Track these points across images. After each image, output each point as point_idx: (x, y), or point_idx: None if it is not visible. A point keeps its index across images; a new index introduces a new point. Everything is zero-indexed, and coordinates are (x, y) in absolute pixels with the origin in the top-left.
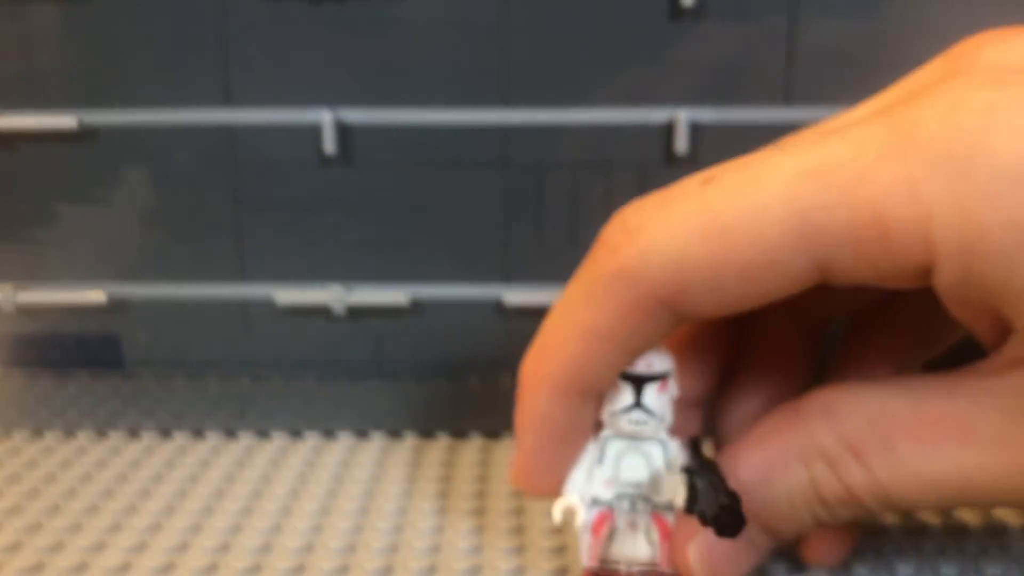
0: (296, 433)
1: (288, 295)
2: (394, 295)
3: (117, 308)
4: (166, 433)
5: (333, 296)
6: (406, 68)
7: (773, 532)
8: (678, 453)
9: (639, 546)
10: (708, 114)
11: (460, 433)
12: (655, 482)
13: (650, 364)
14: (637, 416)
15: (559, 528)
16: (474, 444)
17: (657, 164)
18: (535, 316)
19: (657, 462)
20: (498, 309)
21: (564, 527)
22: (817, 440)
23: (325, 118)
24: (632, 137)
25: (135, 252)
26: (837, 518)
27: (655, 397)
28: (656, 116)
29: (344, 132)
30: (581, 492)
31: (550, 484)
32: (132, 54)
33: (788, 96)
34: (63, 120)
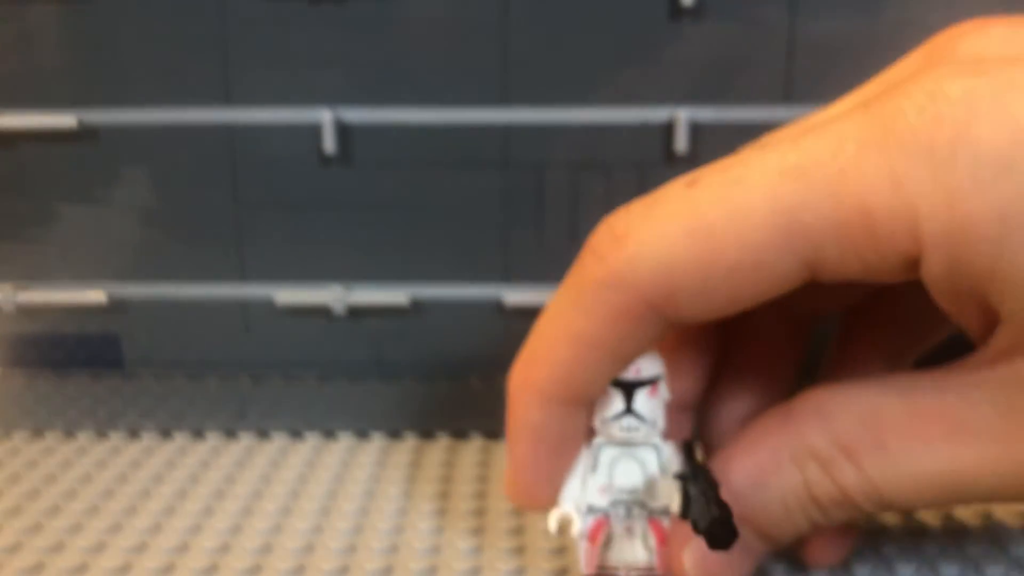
0: (296, 433)
1: (288, 295)
2: (394, 295)
3: (117, 308)
4: (166, 433)
5: (333, 296)
6: (406, 68)
7: (768, 537)
8: (672, 457)
9: (636, 551)
10: (708, 114)
11: (460, 433)
12: (650, 487)
13: (639, 369)
14: (628, 422)
15: (558, 538)
16: (474, 444)
17: (657, 164)
18: (535, 316)
19: (651, 467)
20: (498, 309)
21: (561, 536)
22: (809, 442)
23: (325, 118)
24: (632, 137)
25: (135, 252)
26: (832, 520)
27: (646, 402)
28: (656, 116)
29: (344, 132)
30: (576, 501)
31: (545, 496)
32: (132, 54)
33: (788, 95)
34: (63, 120)
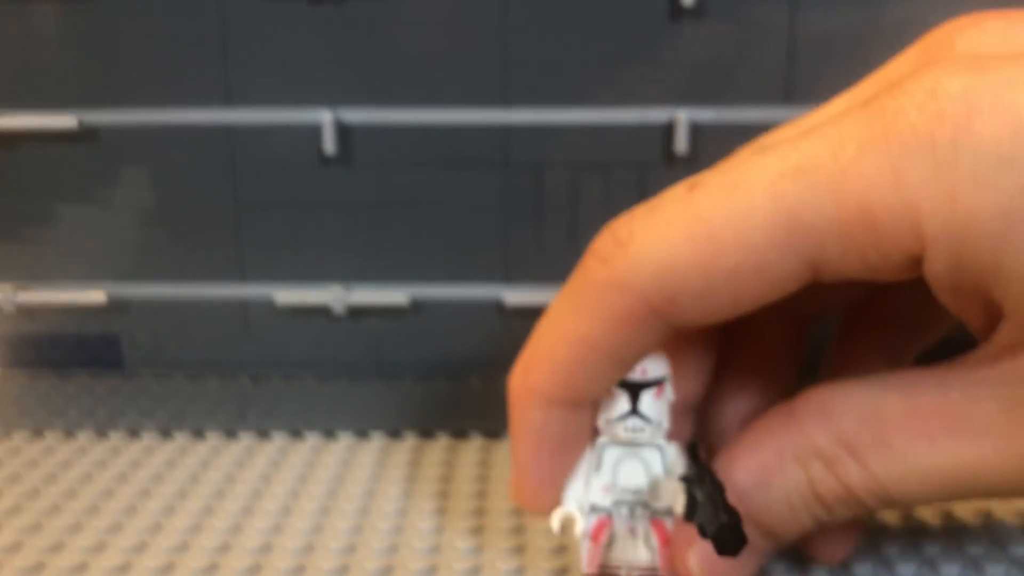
0: (296, 433)
1: (288, 295)
2: (394, 295)
3: (117, 308)
4: (166, 433)
5: (333, 296)
6: (406, 68)
7: (773, 535)
8: (676, 458)
9: (639, 551)
10: (708, 114)
11: (460, 433)
12: (654, 488)
13: (645, 370)
14: (634, 423)
15: (559, 537)
16: (474, 444)
17: (657, 164)
18: (535, 316)
19: (655, 468)
20: (498, 309)
21: (563, 535)
22: (813, 440)
23: (325, 118)
24: (632, 137)
25: (135, 252)
26: (836, 517)
27: (651, 403)
28: (656, 116)
29: (344, 132)
30: (579, 500)
31: (550, 497)
32: (132, 54)
33: (788, 96)
34: (63, 120)
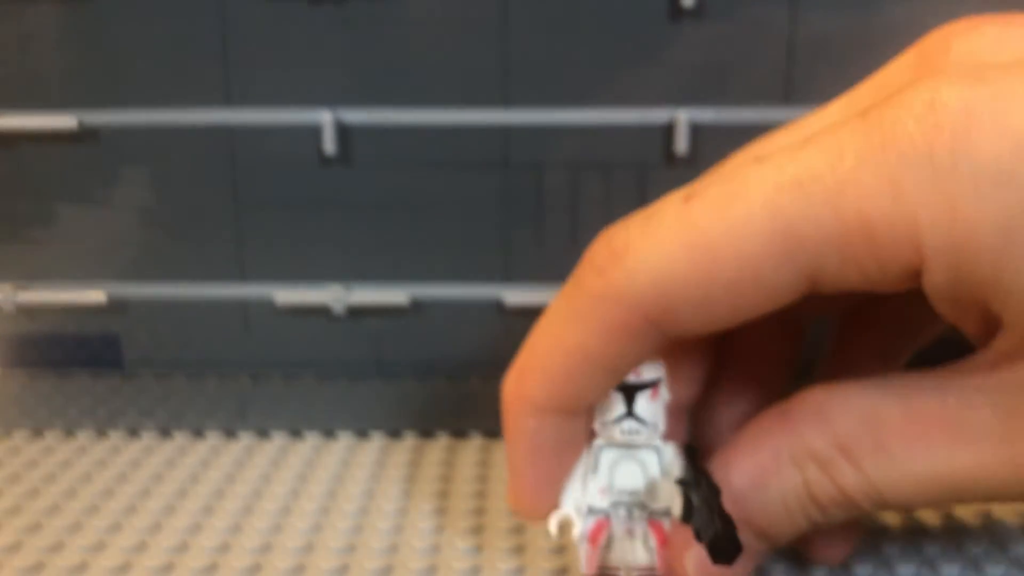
0: (296, 433)
1: (288, 295)
2: (394, 295)
3: (117, 308)
4: (166, 433)
5: (333, 296)
6: (406, 68)
7: (768, 536)
8: (673, 459)
9: (637, 552)
10: (708, 114)
11: (460, 433)
12: (651, 489)
13: (640, 372)
14: (629, 425)
15: (557, 540)
16: (474, 444)
17: (657, 164)
18: (535, 316)
19: (652, 469)
20: (498, 309)
21: (562, 538)
22: (808, 443)
23: (325, 118)
24: (632, 137)
25: (135, 252)
26: (831, 519)
27: (647, 405)
28: (656, 116)
29: (344, 132)
30: (577, 502)
31: (548, 504)
32: (132, 54)
33: (788, 95)
34: (63, 120)
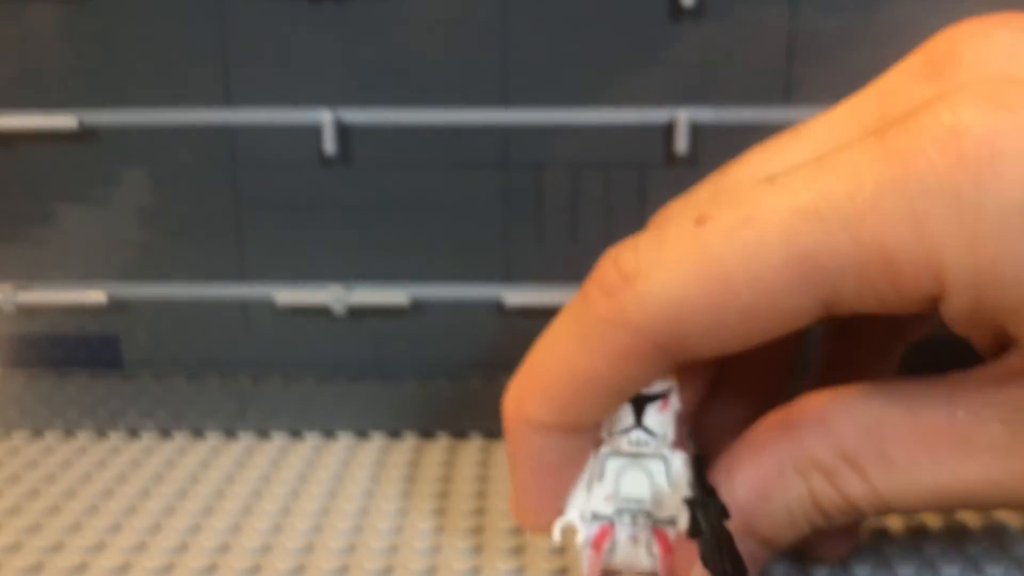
0: (296, 433)
1: (288, 295)
2: (394, 295)
3: (117, 308)
4: (166, 433)
5: (333, 296)
6: (406, 68)
7: (772, 544)
8: (681, 470)
9: (640, 558)
10: (708, 114)
11: (460, 433)
12: (657, 498)
13: (650, 384)
14: (638, 437)
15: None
16: (474, 444)
17: (657, 164)
18: (535, 316)
19: (659, 478)
20: (498, 309)
21: (566, 544)
22: (812, 452)
23: (325, 118)
24: (632, 137)
25: (135, 252)
26: (833, 523)
27: (656, 416)
28: (656, 116)
29: (344, 132)
30: (581, 509)
31: (553, 516)
32: (132, 54)
33: (788, 96)
34: (63, 120)
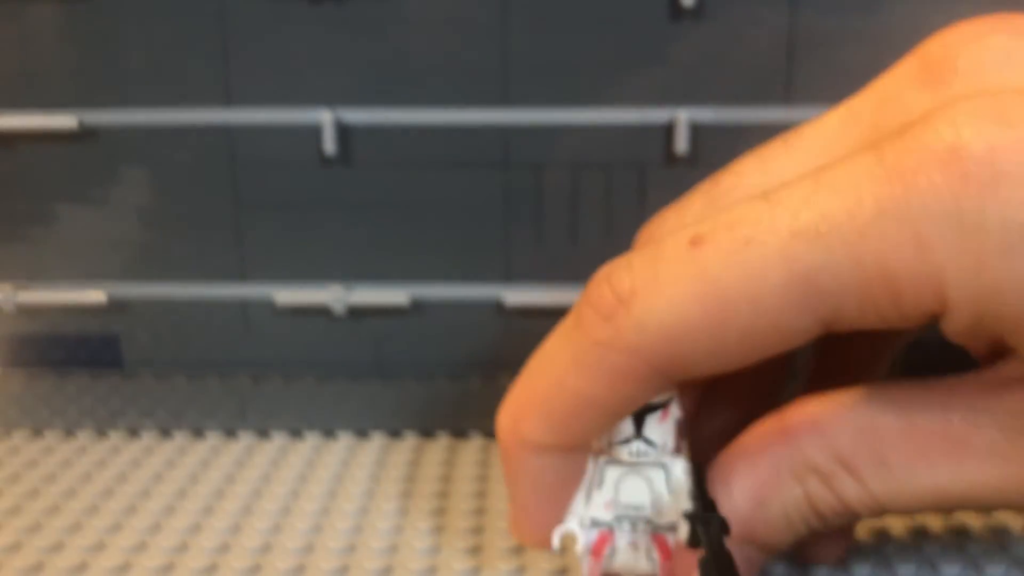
0: (296, 433)
1: (288, 295)
2: (394, 295)
3: (117, 308)
4: (166, 433)
5: (333, 296)
6: (406, 68)
7: (769, 547)
8: (682, 477)
9: (640, 564)
10: (708, 114)
11: (460, 433)
12: (657, 505)
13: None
14: (638, 447)
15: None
16: (474, 444)
17: (657, 164)
18: (535, 316)
19: (659, 485)
20: (498, 309)
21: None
22: (808, 457)
23: (325, 118)
24: (632, 137)
25: (135, 252)
26: (830, 526)
27: (656, 427)
28: (656, 116)
29: (344, 132)
30: (580, 516)
31: (553, 531)
32: (132, 54)
33: (788, 96)
34: (63, 120)
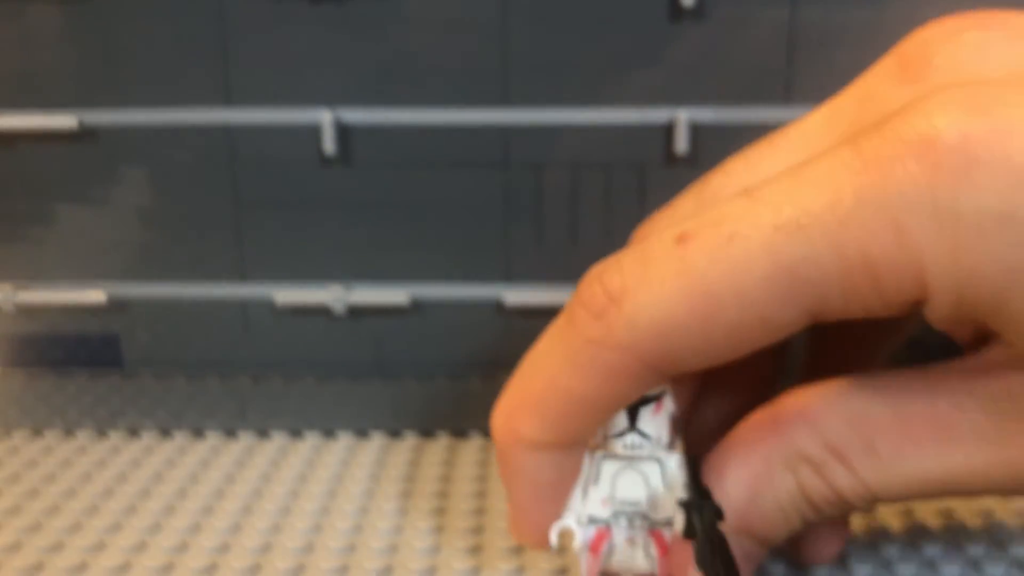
0: (296, 433)
1: (288, 295)
2: (394, 295)
3: (117, 308)
4: (166, 433)
5: (333, 296)
6: (406, 68)
7: (766, 540)
8: (676, 471)
9: (638, 560)
10: (708, 114)
11: (460, 433)
12: (653, 500)
13: None
14: (632, 440)
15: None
16: (474, 444)
17: (657, 164)
18: (535, 316)
19: (654, 480)
20: (498, 309)
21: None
22: (800, 447)
23: (325, 118)
24: (632, 137)
25: (135, 252)
26: (824, 517)
27: (651, 420)
28: (656, 116)
29: (344, 132)
30: (577, 513)
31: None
32: (132, 54)
33: (788, 96)
34: (63, 120)
